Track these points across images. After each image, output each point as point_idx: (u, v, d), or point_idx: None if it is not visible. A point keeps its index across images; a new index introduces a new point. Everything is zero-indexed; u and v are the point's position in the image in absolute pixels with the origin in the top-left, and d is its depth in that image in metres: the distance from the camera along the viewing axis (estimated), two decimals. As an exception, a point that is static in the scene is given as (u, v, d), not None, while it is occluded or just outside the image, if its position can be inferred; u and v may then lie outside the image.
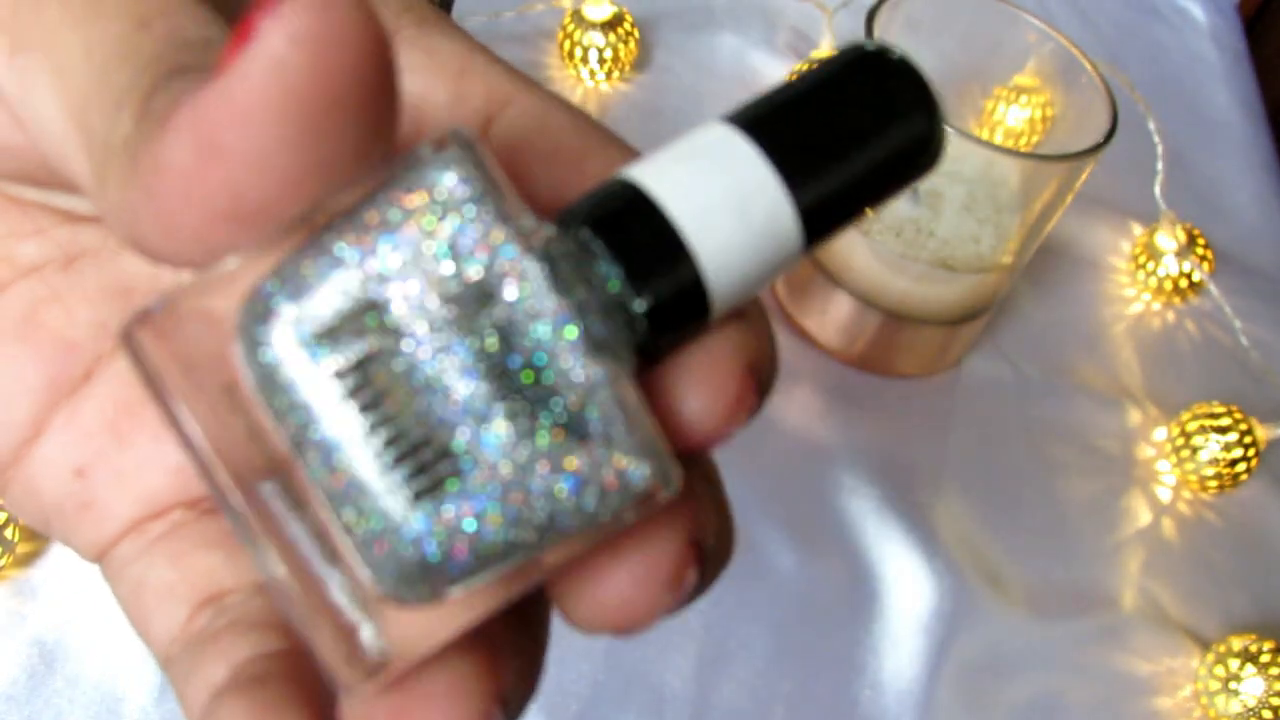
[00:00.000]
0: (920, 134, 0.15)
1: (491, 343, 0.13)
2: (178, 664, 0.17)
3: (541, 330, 0.13)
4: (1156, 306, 0.61)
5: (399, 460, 0.13)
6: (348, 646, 0.14)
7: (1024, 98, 0.55)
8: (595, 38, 0.60)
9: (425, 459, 0.13)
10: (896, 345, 0.52)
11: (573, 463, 0.13)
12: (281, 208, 0.13)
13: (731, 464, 0.23)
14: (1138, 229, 0.63)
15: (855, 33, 0.49)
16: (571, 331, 0.13)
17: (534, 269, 0.13)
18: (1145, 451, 0.54)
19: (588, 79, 0.62)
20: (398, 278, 0.13)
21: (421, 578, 0.13)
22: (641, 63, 0.64)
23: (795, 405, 0.52)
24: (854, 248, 0.49)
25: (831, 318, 0.52)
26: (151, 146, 0.13)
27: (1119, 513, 0.52)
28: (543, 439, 0.13)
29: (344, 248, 0.13)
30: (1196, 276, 0.60)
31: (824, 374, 0.53)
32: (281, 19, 0.12)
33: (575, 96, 0.62)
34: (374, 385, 0.13)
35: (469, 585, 0.14)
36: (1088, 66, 0.48)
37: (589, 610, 0.15)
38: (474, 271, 0.13)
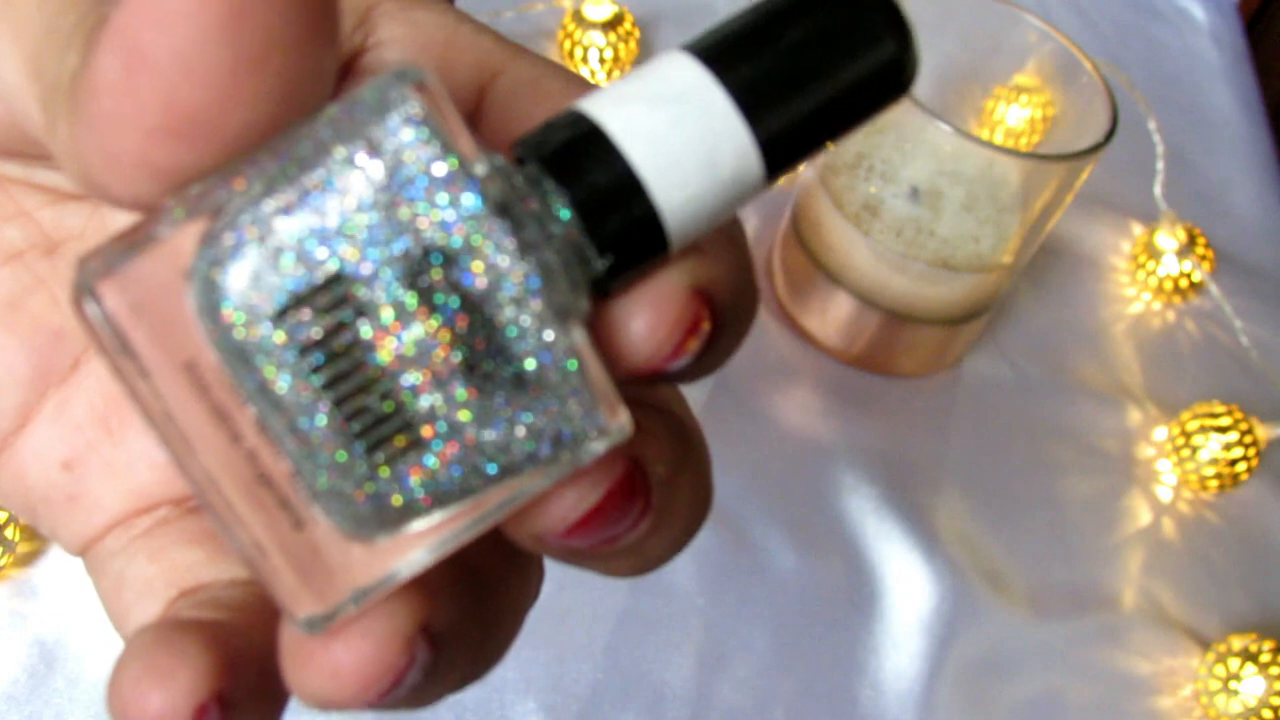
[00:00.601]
0: (889, 59, 0.14)
1: (450, 306, 0.13)
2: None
3: (497, 288, 0.13)
4: (1156, 306, 0.61)
5: (359, 427, 0.13)
6: (302, 593, 0.14)
7: (1024, 98, 0.55)
8: (595, 38, 0.60)
9: (384, 423, 0.13)
10: (896, 345, 0.52)
11: (526, 418, 0.13)
12: (218, 115, 0.12)
13: (732, 464, 0.23)
14: (1138, 229, 0.63)
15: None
16: (529, 291, 0.13)
17: (496, 232, 0.13)
18: (1145, 451, 0.54)
19: (588, 79, 0.62)
20: (355, 241, 0.13)
21: (378, 524, 0.13)
22: (642, 63, 0.64)
23: (795, 405, 0.52)
24: (854, 247, 0.49)
25: (831, 318, 0.52)
26: (84, 71, 0.12)
27: (1119, 512, 0.52)
28: (499, 398, 0.13)
29: (299, 209, 0.12)
30: (1196, 276, 0.60)
31: (824, 374, 0.53)
32: None
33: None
34: (333, 352, 0.13)
35: (420, 525, 0.14)
36: (1088, 66, 0.48)
37: (530, 523, 0.15)
38: (433, 233, 0.13)
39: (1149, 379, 0.57)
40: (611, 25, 0.61)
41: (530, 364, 0.13)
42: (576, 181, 0.14)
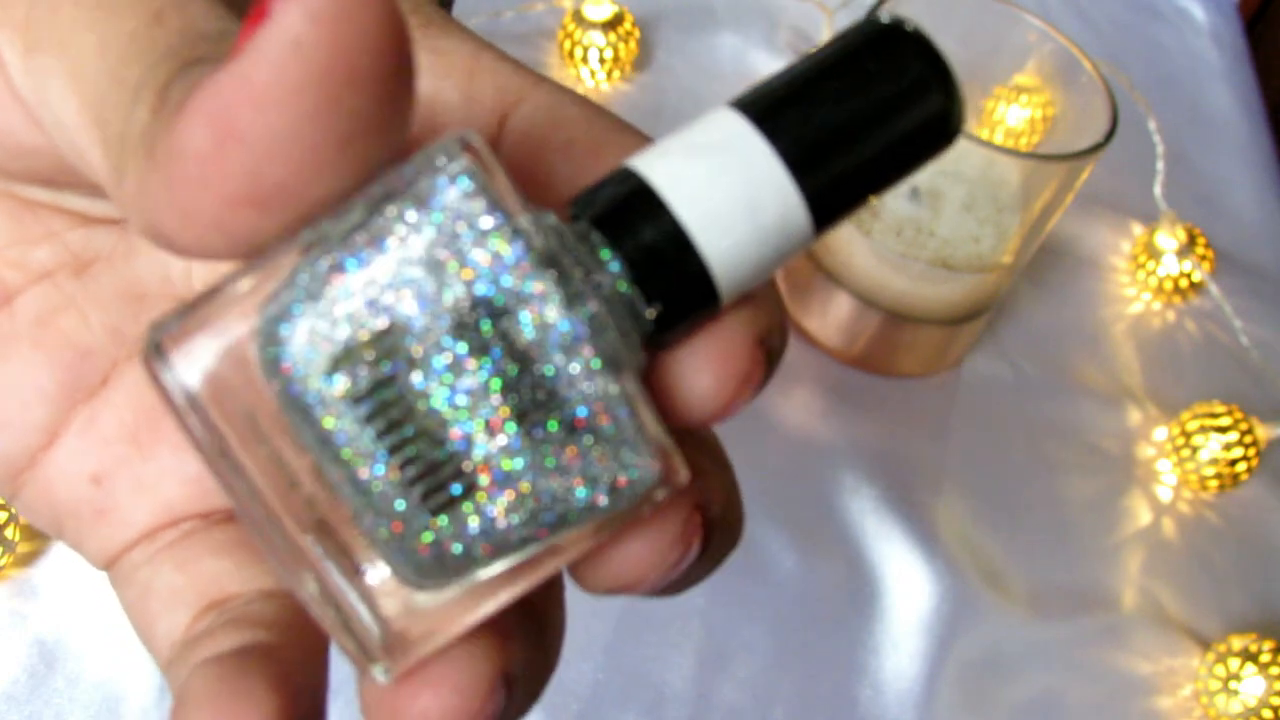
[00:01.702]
0: (936, 112, 0.14)
1: (500, 355, 0.13)
2: (175, 664, 0.17)
3: (546, 338, 0.13)
4: (1156, 306, 0.61)
5: (413, 474, 0.13)
6: (368, 641, 0.14)
7: (1024, 97, 0.55)
8: (595, 37, 0.60)
9: (438, 472, 0.13)
10: (896, 345, 0.52)
11: (582, 468, 0.14)
12: (301, 189, 0.13)
13: (732, 464, 0.23)
14: (1138, 229, 0.63)
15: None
16: (581, 344, 0.13)
17: (543, 283, 0.13)
18: (1145, 451, 0.54)
19: (588, 79, 0.62)
20: (406, 294, 0.13)
21: (439, 572, 0.14)
22: (641, 63, 0.64)
23: (795, 405, 0.52)
24: (854, 248, 0.49)
25: (831, 318, 0.52)
26: (169, 134, 0.13)
27: (1119, 512, 0.52)
28: (552, 447, 0.13)
29: (353, 265, 0.13)
30: (1196, 276, 0.60)
31: (824, 374, 0.53)
32: (293, 28, 0.12)
33: (575, 96, 0.62)
34: (386, 402, 0.13)
35: (484, 575, 0.14)
36: (1088, 66, 0.48)
37: (598, 575, 0.15)
38: (482, 284, 0.13)
39: (1149, 379, 0.57)
40: (611, 25, 0.61)
41: (581, 411, 0.13)
42: (625, 236, 0.14)
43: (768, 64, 0.66)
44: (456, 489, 0.13)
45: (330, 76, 0.12)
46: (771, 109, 0.14)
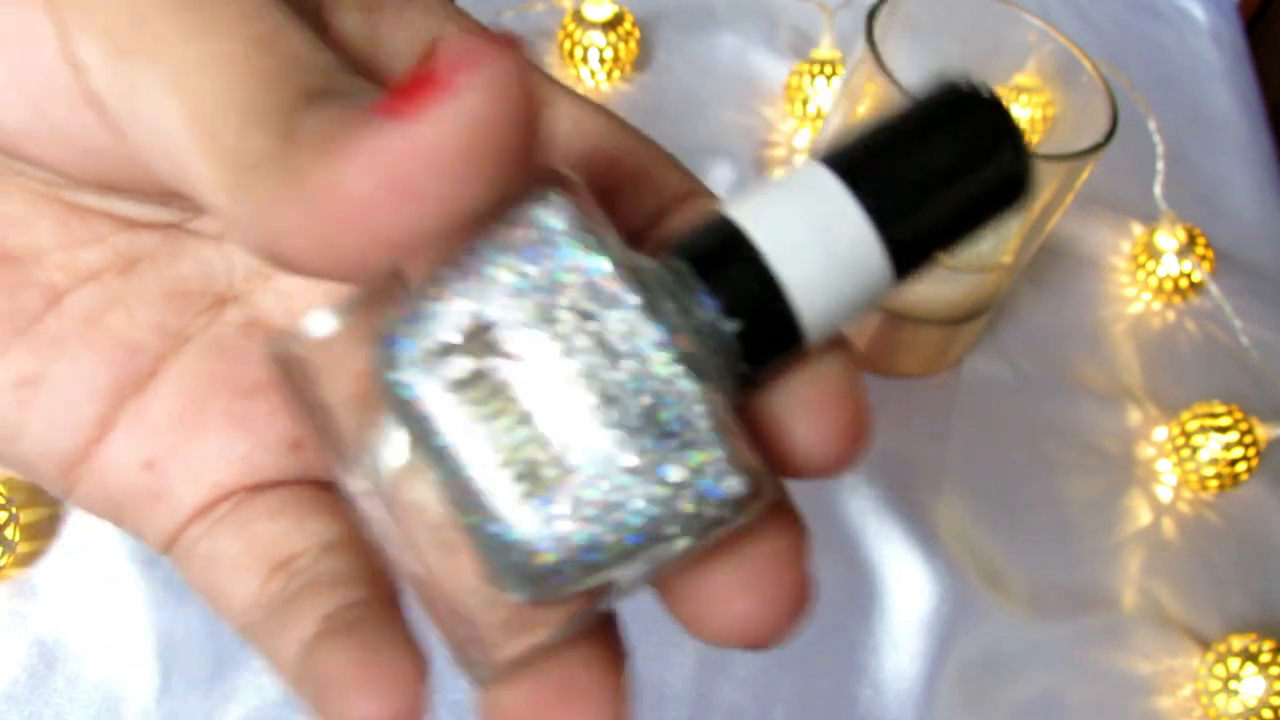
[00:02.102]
0: (1009, 172, 0.15)
1: (594, 362, 0.14)
2: (261, 628, 0.18)
3: (640, 351, 0.14)
4: (1156, 306, 0.61)
5: (513, 474, 0.14)
6: (473, 644, 0.15)
7: (1024, 98, 0.55)
8: (595, 37, 0.60)
9: (535, 473, 0.14)
10: (896, 345, 0.52)
11: (670, 472, 0.14)
12: (447, 236, 0.14)
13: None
14: (1138, 229, 0.63)
15: (855, 33, 0.49)
16: (667, 350, 0.14)
17: (632, 296, 0.14)
18: (1145, 451, 0.54)
19: (588, 79, 0.62)
20: (508, 307, 0.14)
21: (533, 580, 0.15)
22: (641, 63, 0.64)
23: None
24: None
25: (831, 318, 0.52)
26: (325, 171, 0.14)
27: (1119, 513, 0.52)
28: (642, 451, 0.14)
29: (460, 282, 0.14)
30: (1196, 276, 0.60)
31: (824, 374, 0.53)
32: (484, 77, 0.13)
33: (575, 96, 0.62)
34: (487, 404, 0.14)
35: (579, 586, 0.15)
36: (1088, 66, 0.48)
37: (721, 628, 0.16)
38: (576, 297, 0.14)
39: (1149, 379, 0.57)
40: (611, 25, 0.61)
41: (671, 419, 0.14)
42: (716, 275, 0.15)
43: (767, 64, 0.66)
44: (550, 484, 0.14)
45: (502, 150, 0.13)
46: (856, 165, 0.15)
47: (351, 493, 0.15)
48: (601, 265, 0.14)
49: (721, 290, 0.15)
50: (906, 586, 0.47)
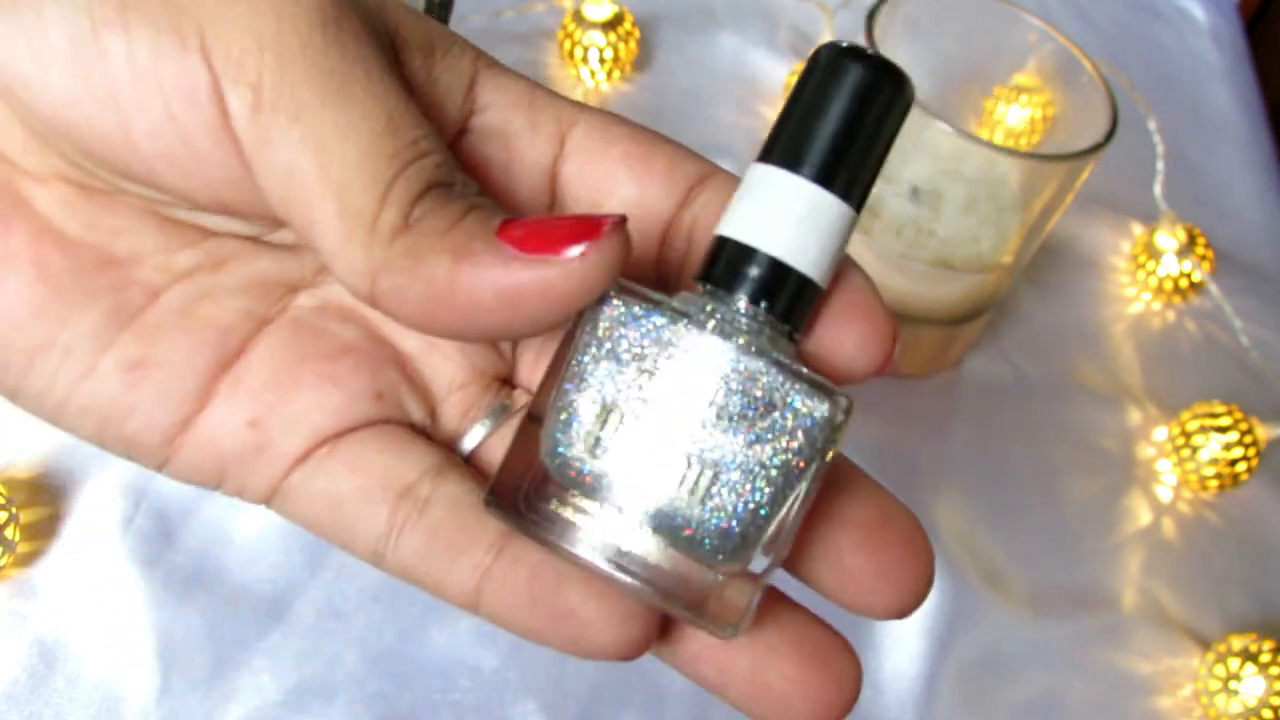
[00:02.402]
0: (884, 85, 0.20)
1: (689, 387, 0.19)
2: (417, 560, 0.21)
3: (714, 364, 0.19)
4: (1156, 306, 0.61)
5: (679, 489, 0.19)
6: (716, 607, 0.20)
7: (1024, 97, 0.55)
8: (595, 37, 0.60)
9: (696, 474, 0.19)
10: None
11: (777, 424, 0.19)
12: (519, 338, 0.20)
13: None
14: (1138, 229, 0.63)
15: (855, 33, 0.49)
16: (730, 352, 0.19)
17: (692, 330, 0.19)
18: (1145, 451, 0.54)
19: (588, 79, 0.62)
20: (630, 378, 0.19)
21: (726, 546, 0.19)
22: (641, 63, 0.64)
23: (795, 405, 0.52)
24: (854, 247, 0.49)
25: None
26: (455, 274, 0.18)
27: (1119, 513, 0.52)
28: (752, 425, 0.19)
29: (583, 380, 0.19)
30: (1196, 276, 0.60)
31: (824, 374, 0.53)
32: (600, 250, 0.18)
33: (575, 96, 0.62)
34: (638, 457, 0.19)
35: (761, 536, 0.19)
36: (1088, 66, 0.48)
37: (881, 600, 0.21)
38: (660, 352, 0.19)
39: (1149, 379, 0.57)
40: (611, 25, 0.61)
41: (756, 393, 0.19)
42: (748, 283, 0.20)
43: (767, 64, 0.66)
44: (706, 481, 0.19)
45: (595, 293, 0.19)
46: (783, 151, 0.20)
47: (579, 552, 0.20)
48: (656, 319, 0.19)
49: (744, 286, 0.19)
50: (906, 586, 0.47)
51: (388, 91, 0.19)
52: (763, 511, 0.19)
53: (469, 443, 0.23)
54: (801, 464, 0.19)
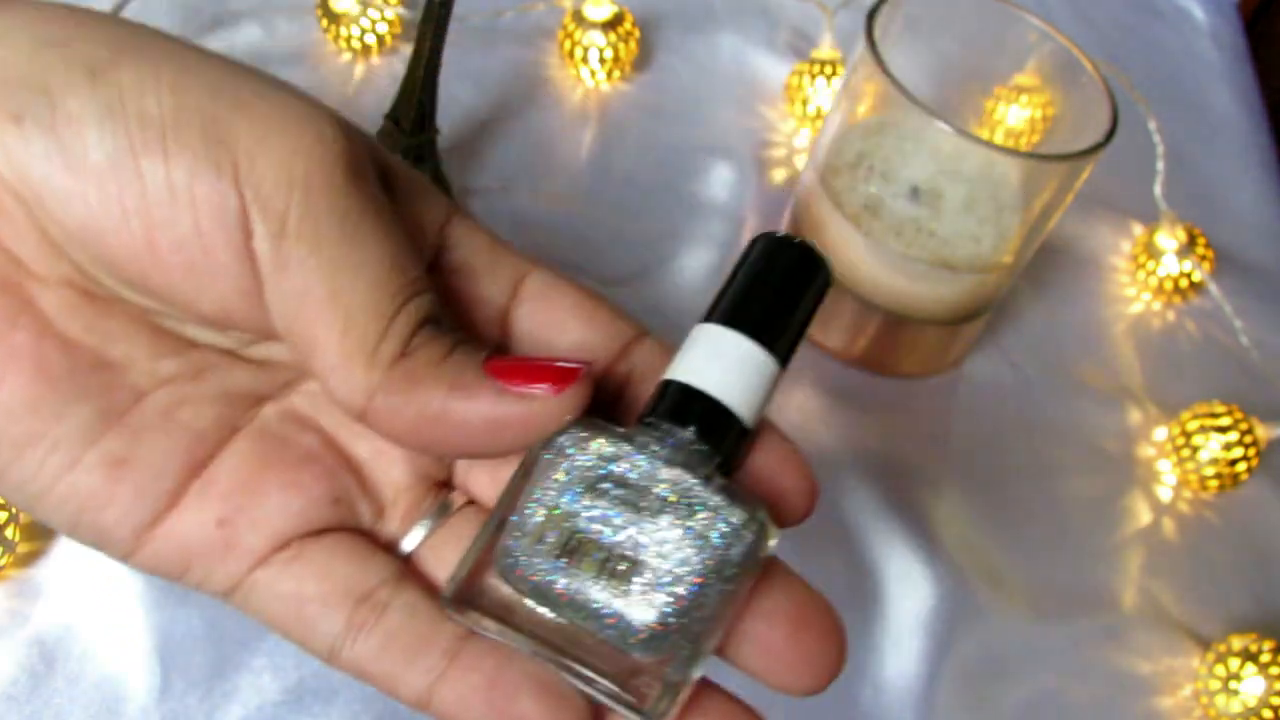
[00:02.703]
0: (815, 273, 0.24)
1: (629, 501, 0.22)
2: (372, 660, 0.23)
3: (651, 478, 0.22)
4: (1156, 306, 0.61)
5: (612, 582, 0.21)
6: (641, 697, 0.22)
7: (1024, 97, 0.55)
8: (595, 37, 0.60)
9: (622, 573, 0.21)
10: (896, 345, 0.52)
11: (696, 527, 0.21)
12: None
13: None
14: (1138, 229, 0.63)
15: (855, 33, 0.49)
16: (667, 470, 0.22)
17: (638, 457, 0.22)
18: (1145, 451, 0.54)
19: (588, 79, 0.62)
20: (578, 498, 0.22)
21: (647, 640, 0.21)
22: (641, 63, 0.64)
23: (795, 405, 0.52)
24: (854, 248, 0.49)
25: (831, 318, 0.52)
26: (448, 401, 0.21)
27: (1119, 513, 0.52)
28: (674, 527, 0.21)
29: (536, 505, 0.22)
30: (1196, 276, 0.60)
31: (824, 374, 0.53)
32: (574, 391, 0.22)
33: (576, 96, 0.62)
34: (585, 556, 0.21)
35: (684, 631, 0.21)
36: (1088, 66, 0.48)
37: (796, 678, 0.24)
38: (610, 472, 0.22)
39: (1149, 379, 0.57)
40: (611, 25, 0.61)
41: (680, 500, 0.22)
42: (682, 413, 0.23)
43: (767, 64, 0.66)
44: (630, 575, 0.21)
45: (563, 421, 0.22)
46: (728, 312, 0.23)
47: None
48: (610, 445, 0.22)
49: (686, 420, 0.22)
50: (906, 586, 0.47)
51: (394, 232, 0.22)
52: (686, 609, 0.21)
53: (409, 543, 0.25)
54: (724, 568, 0.21)
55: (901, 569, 0.47)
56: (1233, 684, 0.45)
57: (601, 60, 0.61)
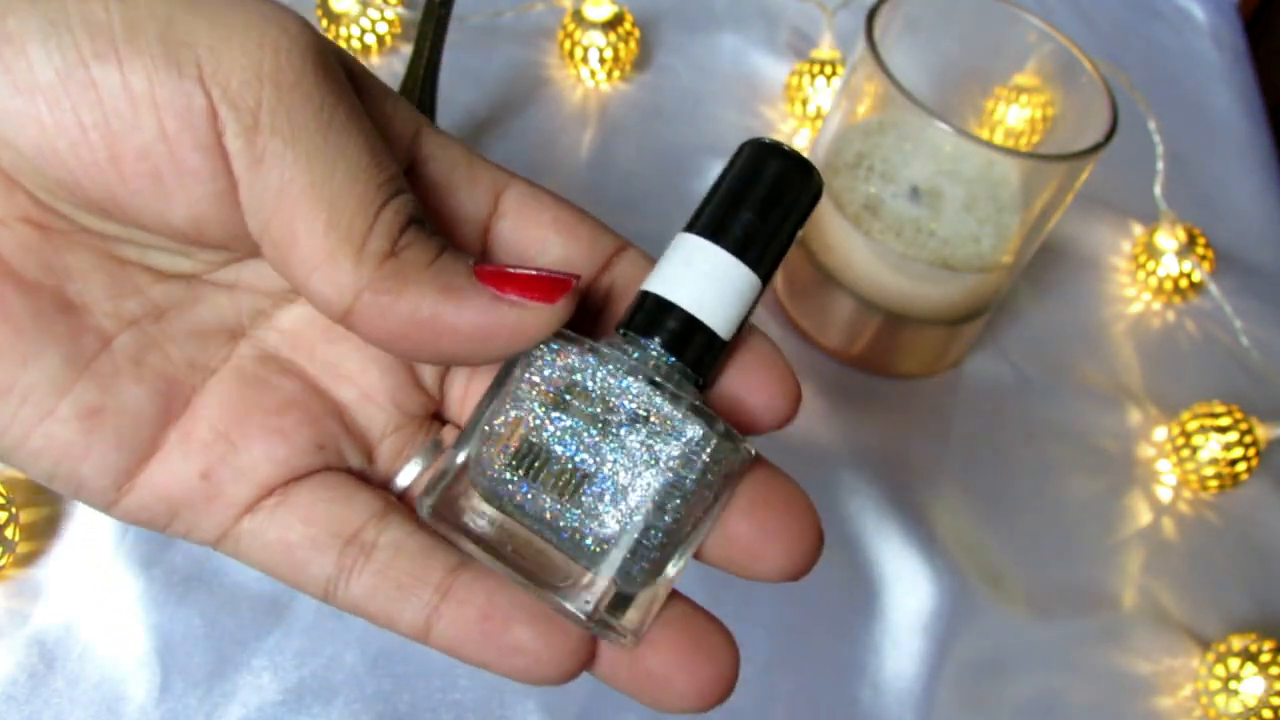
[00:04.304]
0: (808, 184, 0.23)
1: (595, 413, 0.21)
2: (368, 597, 0.23)
3: (621, 391, 0.21)
4: (1156, 306, 0.61)
5: (567, 493, 0.21)
6: (605, 620, 0.22)
7: (1024, 98, 0.55)
8: (595, 37, 0.60)
9: (580, 486, 0.21)
10: (896, 345, 0.52)
11: (659, 447, 0.21)
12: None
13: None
14: (1138, 229, 0.63)
15: (855, 33, 0.49)
16: (649, 389, 0.21)
17: (604, 370, 0.22)
18: (1145, 451, 0.54)
19: (588, 79, 0.62)
20: (544, 410, 0.22)
21: (603, 556, 0.21)
22: (641, 63, 0.64)
23: (795, 405, 0.52)
24: (854, 247, 0.49)
25: (831, 318, 0.52)
26: (440, 306, 0.21)
27: (1119, 513, 0.52)
28: (640, 443, 0.21)
29: (503, 417, 0.22)
30: (1196, 276, 0.60)
31: (824, 374, 0.53)
32: (562, 303, 0.21)
33: (576, 96, 0.62)
34: (545, 469, 0.21)
35: (646, 549, 0.21)
36: (1088, 66, 0.48)
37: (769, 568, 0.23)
38: (580, 385, 0.22)
39: (1149, 379, 0.57)
40: (611, 25, 0.61)
41: (640, 414, 0.21)
42: (661, 332, 0.22)
43: (767, 64, 0.66)
44: (602, 493, 0.21)
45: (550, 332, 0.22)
46: (708, 223, 0.23)
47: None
48: (581, 358, 0.22)
49: (658, 334, 0.22)
50: (906, 586, 0.47)
51: (370, 128, 0.21)
52: (643, 523, 0.21)
53: (403, 480, 0.25)
54: (682, 482, 0.21)
55: (901, 569, 0.47)
56: (1233, 684, 0.45)
57: (601, 60, 0.61)
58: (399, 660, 0.40)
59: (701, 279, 0.22)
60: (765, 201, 0.23)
